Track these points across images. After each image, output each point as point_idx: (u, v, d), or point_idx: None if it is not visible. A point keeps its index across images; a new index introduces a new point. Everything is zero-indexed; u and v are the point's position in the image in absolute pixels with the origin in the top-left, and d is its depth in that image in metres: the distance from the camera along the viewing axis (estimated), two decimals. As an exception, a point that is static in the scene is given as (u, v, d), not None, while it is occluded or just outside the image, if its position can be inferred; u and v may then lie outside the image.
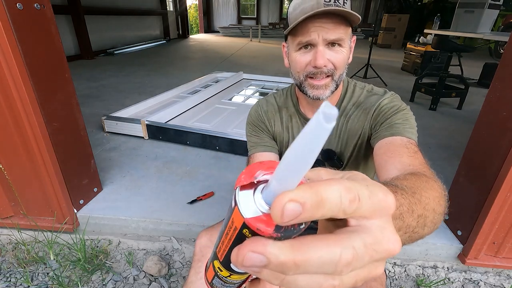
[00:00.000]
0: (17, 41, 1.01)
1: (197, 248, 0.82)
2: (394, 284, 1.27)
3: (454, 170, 1.34)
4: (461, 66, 4.11)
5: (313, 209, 0.15)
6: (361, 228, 0.17)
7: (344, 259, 0.15)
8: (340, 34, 0.63)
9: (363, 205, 0.16)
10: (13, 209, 1.36)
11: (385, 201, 0.17)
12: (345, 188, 0.16)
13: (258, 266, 0.16)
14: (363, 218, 0.17)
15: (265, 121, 0.86)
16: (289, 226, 0.17)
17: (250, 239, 0.17)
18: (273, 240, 0.16)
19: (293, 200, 0.15)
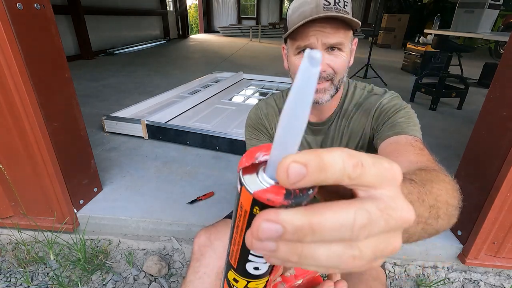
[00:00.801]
0: (17, 41, 1.01)
1: (195, 247, 0.81)
2: (394, 284, 1.27)
3: (454, 170, 1.34)
4: (461, 66, 4.11)
5: (317, 172, 0.15)
6: (371, 197, 0.16)
7: (360, 220, 0.15)
8: (340, 38, 0.62)
9: (367, 171, 0.16)
10: (13, 209, 1.36)
11: (391, 169, 0.17)
12: (347, 154, 0.16)
13: (274, 238, 0.15)
14: (371, 187, 0.16)
15: (265, 124, 0.86)
16: (297, 192, 0.17)
17: (262, 211, 0.17)
18: (285, 208, 0.16)
19: (296, 162, 0.15)
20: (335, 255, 0.16)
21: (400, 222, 0.16)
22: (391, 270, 1.31)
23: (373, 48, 4.40)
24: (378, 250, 0.16)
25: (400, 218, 0.16)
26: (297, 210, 0.16)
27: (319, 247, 0.15)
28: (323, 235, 0.15)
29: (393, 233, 0.17)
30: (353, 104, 0.78)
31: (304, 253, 0.16)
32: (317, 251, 0.15)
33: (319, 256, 0.16)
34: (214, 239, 0.80)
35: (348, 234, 0.15)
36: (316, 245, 0.15)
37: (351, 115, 0.78)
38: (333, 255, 0.16)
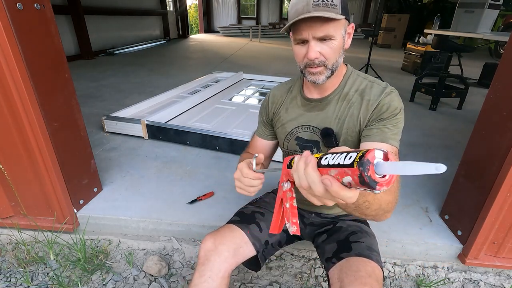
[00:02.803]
0: (17, 41, 1.01)
1: (201, 252, 0.84)
2: (394, 284, 1.27)
3: (454, 170, 1.34)
4: (461, 66, 4.11)
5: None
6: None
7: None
8: (328, 31, 0.70)
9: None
10: (13, 209, 1.36)
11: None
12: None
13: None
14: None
15: (267, 107, 0.98)
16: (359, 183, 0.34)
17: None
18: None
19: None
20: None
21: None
22: (391, 270, 1.31)
23: (373, 48, 4.39)
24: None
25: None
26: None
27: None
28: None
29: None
30: (354, 89, 0.83)
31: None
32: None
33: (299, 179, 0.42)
34: (218, 244, 0.84)
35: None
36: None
37: (353, 100, 0.82)
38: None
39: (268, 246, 0.94)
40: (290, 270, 1.30)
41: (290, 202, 0.51)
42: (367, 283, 0.71)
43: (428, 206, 1.52)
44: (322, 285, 1.25)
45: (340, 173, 0.35)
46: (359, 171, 0.31)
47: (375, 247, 0.86)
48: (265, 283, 1.25)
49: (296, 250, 1.34)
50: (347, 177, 0.34)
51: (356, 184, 0.33)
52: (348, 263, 0.78)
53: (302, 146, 0.90)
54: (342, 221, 0.97)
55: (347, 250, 0.83)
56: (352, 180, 0.33)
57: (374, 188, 0.31)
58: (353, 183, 0.33)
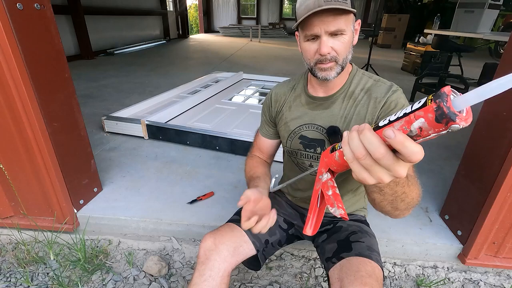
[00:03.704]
0: (17, 41, 1.01)
1: (201, 251, 0.83)
2: (394, 284, 1.27)
3: (454, 170, 1.34)
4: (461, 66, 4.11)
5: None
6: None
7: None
8: (340, 25, 0.70)
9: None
10: (13, 209, 1.36)
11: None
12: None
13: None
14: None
15: (270, 106, 0.97)
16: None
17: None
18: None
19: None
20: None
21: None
22: (391, 270, 1.31)
23: (373, 48, 4.40)
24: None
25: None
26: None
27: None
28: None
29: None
30: (360, 88, 0.83)
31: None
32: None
33: (355, 147, 0.39)
34: (218, 243, 0.84)
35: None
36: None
37: (359, 99, 0.82)
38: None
39: (268, 245, 0.94)
40: (290, 270, 1.30)
41: (333, 190, 0.48)
42: (367, 283, 0.71)
43: (428, 206, 1.52)
44: (322, 285, 1.25)
45: (408, 121, 0.32)
46: (436, 104, 0.29)
47: (375, 247, 0.86)
48: (265, 283, 1.25)
49: (296, 250, 1.34)
50: (418, 121, 0.31)
51: (429, 125, 0.30)
52: (348, 263, 0.78)
53: (306, 144, 0.89)
54: (343, 220, 0.97)
55: (347, 250, 0.83)
56: (425, 121, 0.30)
57: (454, 120, 0.28)
58: (426, 125, 0.31)
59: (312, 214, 0.52)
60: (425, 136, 0.32)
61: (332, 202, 0.47)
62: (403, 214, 0.64)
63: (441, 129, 0.30)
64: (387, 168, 0.37)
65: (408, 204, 0.58)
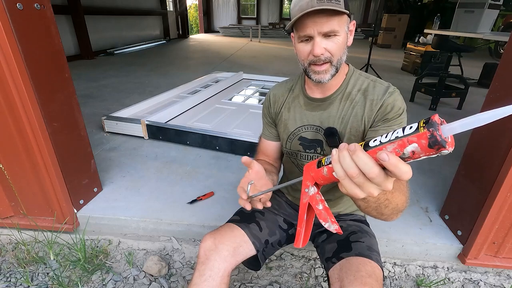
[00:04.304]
0: (17, 41, 1.01)
1: (201, 251, 0.84)
2: (394, 284, 1.27)
3: (454, 170, 1.34)
4: (461, 66, 4.11)
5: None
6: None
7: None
8: (333, 26, 0.70)
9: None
10: (13, 209, 1.36)
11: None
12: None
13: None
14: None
15: (270, 107, 0.97)
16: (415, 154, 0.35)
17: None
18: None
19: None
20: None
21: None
22: (391, 270, 1.31)
23: (373, 48, 4.40)
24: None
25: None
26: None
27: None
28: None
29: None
30: (357, 89, 0.83)
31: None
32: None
33: (347, 167, 0.41)
34: (218, 243, 0.84)
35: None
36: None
37: (356, 100, 0.82)
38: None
39: (268, 246, 0.94)
40: (290, 270, 1.30)
41: (323, 204, 0.49)
42: (367, 283, 0.71)
43: (428, 206, 1.52)
44: (322, 285, 1.25)
45: (401, 145, 0.36)
46: (429, 132, 0.33)
47: (375, 247, 0.86)
48: (265, 283, 1.25)
49: (296, 250, 1.34)
50: (411, 145, 0.34)
51: (422, 150, 0.34)
52: (348, 263, 0.78)
53: (306, 146, 0.89)
54: (343, 220, 0.97)
55: (347, 250, 0.83)
56: (418, 146, 0.34)
57: (444, 147, 0.32)
58: (418, 149, 0.34)
59: (301, 227, 0.53)
60: (416, 158, 0.36)
61: (325, 217, 0.48)
62: (391, 218, 0.65)
63: (432, 153, 0.34)
64: (378, 184, 0.41)
65: (393, 209, 0.60)
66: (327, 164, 0.46)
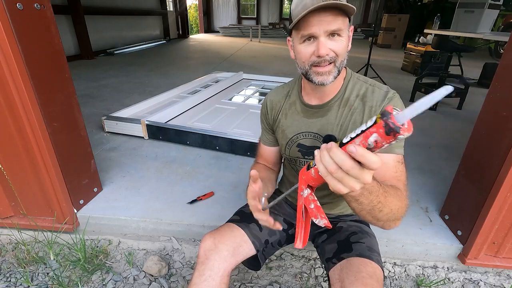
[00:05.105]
0: (17, 41, 1.01)
1: (201, 251, 0.83)
2: (394, 284, 1.27)
3: (454, 170, 1.34)
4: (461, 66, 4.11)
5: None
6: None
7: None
8: (339, 25, 0.68)
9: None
10: (13, 209, 1.36)
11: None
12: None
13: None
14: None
15: (267, 114, 0.96)
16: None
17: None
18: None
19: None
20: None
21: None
22: (391, 270, 1.31)
23: (373, 48, 4.39)
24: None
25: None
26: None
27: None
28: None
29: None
30: (355, 94, 0.81)
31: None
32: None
33: (327, 163, 0.45)
34: (218, 243, 0.84)
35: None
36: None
37: (355, 106, 0.80)
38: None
39: (268, 246, 0.94)
40: (290, 270, 1.30)
41: (314, 203, 0.53)
42: (368, 284, 0.71)
43: (428, 206, 1.52)
44: (322, 285, 1.25)
45: (365, 137, 0.40)
46: (383, 122, 0.36)
47: (375, 247, 0.86)
48: (265, 283, 1.25)
49: (296, 250, 1.34)
50: (372, 136, 0.38)
51: (382, 138, 0.37)
52: (349, 264, 0.78)
53: (304, 152, 0.88)
54: (343, 221, 0.97)
55: (348, 250, 0.83)
56: (378, 135, 0.38)
57: (398, 132, 0.35)
58: (379, 138, 0.38)
59: (300, 228, 0.57)
60: (380, 147, 0.39)
61: (315, 214, 0.53)
62: (389, 226, 0.67)
63: (391, 140, 0.37)
64: (356, 177, 0.44)
65: (388, 214, 0.61)
66: (314, 166, 0.51)
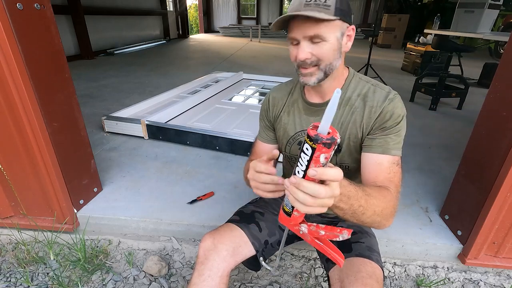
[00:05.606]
0: (17, 41, 1.01)
1: (200, 251, 0.83)
2: (394, 284, 1.27)
3: (454, 170, 1.34)
4: (461, 66, 4.11)
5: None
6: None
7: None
8: (319, 32, 0.67)
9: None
10: (13, 209, 1.36)
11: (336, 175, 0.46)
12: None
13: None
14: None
15: (268, 111, 0.96)
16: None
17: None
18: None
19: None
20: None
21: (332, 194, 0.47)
22: (391, 270, 1.31)
23: (373, 48, 4.39)
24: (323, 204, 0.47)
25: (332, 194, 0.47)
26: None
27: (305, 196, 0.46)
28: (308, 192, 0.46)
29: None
30: (357, 94, 0.80)
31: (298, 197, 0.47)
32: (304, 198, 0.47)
33: (304, 200, 0.47)
34: (218, 243, 0.84)
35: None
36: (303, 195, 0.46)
37: (356, 105, 0.80)
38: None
39: (268, 246, 0.94)
40: (290, 270, 1.30)
41: (322, 229, 0.53)
42: (367, 284, 0.71)
43: (428, 206, 1.52)
44: (322, 285, 1.25)
45: (315, 161, 0.45)
46: (321, 143, 0.43)
47: (375, 247, 0.86)
48: (265, 283, 1.25)
49: (296, 250, 1.34)
50: (321, 156, 0.44)
51: (326, 152, 0.44)
52: (349, 264, 0.78)
53: None
54: (343, 221, 0.97)
55: (348, 250, 0.83)
56: (324, 153, 0.44)
57: (334, 141, 0.43)
58: (326, 154, 0.44)
59: (327, 252, 0.55)
60: (329, 158, 0.45)
61: (332, 235, 0.53)
62: (379, 226, 0.67)
63: (334, 148, 0.44)
64: (330, 196, 0.47)
65: (372, 217, 0.63)
66: (290, 208, 0.53)
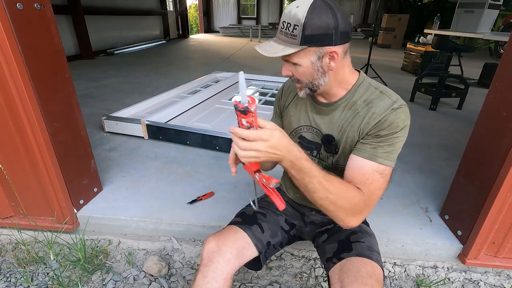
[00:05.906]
0: (17, 41, 1.01)
1: (204, 253, 0.84)
2: (394, 284, 1.27)
3: (454, 170, 1.34)
4: (461, 66, 4.11)
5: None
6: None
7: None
8: (289, 57, 0.73)
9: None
10: (13, 209, 1.36)
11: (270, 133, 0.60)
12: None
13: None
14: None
15: (280, 98, 0.98)
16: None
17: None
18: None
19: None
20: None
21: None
22: (391, 270, 1.31)
23: (373, 48, 4.39)
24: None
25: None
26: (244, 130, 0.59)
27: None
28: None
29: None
30: (363, 99, 0.79)
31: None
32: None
33: (237, 142, 0.61)
34: (222, 245, 0.84)
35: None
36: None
37: (359, 110, 0.79)
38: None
39: (270, 247, 0.94)
40: (290, 270, 1.30)
41: (266, 179, 0.64)
42: (367, 284, 0.71)
43: (428, 206, 1.52)
44: (322, 285, 1.25)
45: (240, 123, 0.59)
46: (238, 111, 0.56)
47: (375, 247, 0.87)
48: (265, 283, 1.25)
49: (296, 250, 1.34)
50: (242, 120, 0.58)
51: (247, 118, 0.57)
52: (349, 263, 0.78)
53: (304, 146, 0.89)
54: None
55: (348, 250, 0.83)
56: (243, 118, 0.57)
57: (249, 109, 0.55)
58: (247, 118, 0.57)
59: (272, 195, 0.67)
60: (252, 122, 0.58)
61: (267, 183, 0.64)
62: (336, 218, 0.71)
63: (252, 114, 0.57)
64: (256, 138, 0.58)
65: (324, 201, 0.68)
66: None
